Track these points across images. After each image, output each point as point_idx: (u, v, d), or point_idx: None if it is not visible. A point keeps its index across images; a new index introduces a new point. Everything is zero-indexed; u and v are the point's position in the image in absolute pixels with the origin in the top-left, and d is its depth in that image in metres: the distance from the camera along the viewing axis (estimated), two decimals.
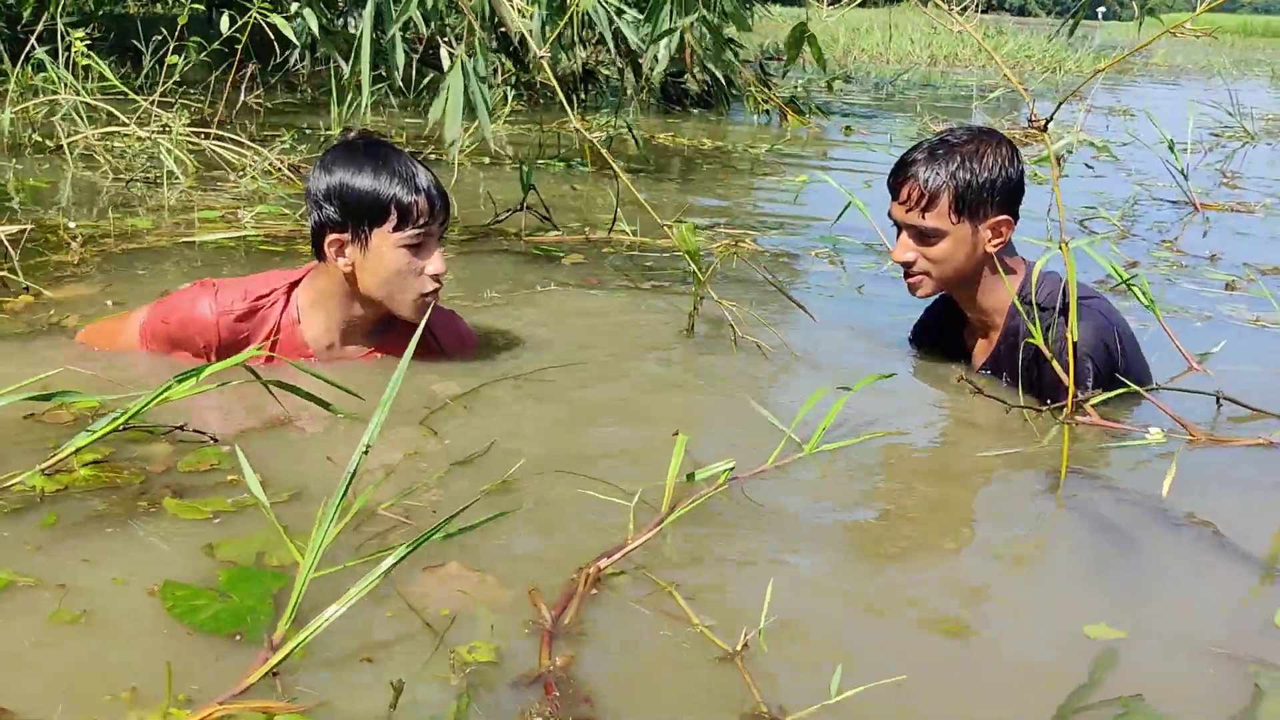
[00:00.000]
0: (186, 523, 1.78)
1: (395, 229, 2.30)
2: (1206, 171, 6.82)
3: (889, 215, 2.63)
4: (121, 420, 1.92)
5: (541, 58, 3.03)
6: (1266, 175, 7.14)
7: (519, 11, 3.05)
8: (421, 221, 2.31)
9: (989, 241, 2.55)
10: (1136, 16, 2.43)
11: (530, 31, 3.17)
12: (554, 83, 3.24)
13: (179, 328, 2.40)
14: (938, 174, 2.50)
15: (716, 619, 1.60)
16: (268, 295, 2.41)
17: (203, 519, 1.80)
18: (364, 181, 2.28)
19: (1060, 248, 2.29)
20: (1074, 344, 2.34)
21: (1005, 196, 2.53)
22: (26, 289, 2.91)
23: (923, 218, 2.54)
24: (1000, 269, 2.59)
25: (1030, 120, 2.31)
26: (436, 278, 2.37)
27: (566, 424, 2.36)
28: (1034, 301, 2.51)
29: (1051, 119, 2.32)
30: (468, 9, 3.07)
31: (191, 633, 1.49)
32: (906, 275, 2.64)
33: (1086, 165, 6.92)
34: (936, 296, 2.82)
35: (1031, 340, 2.41)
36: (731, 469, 2.02)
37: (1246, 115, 9.68)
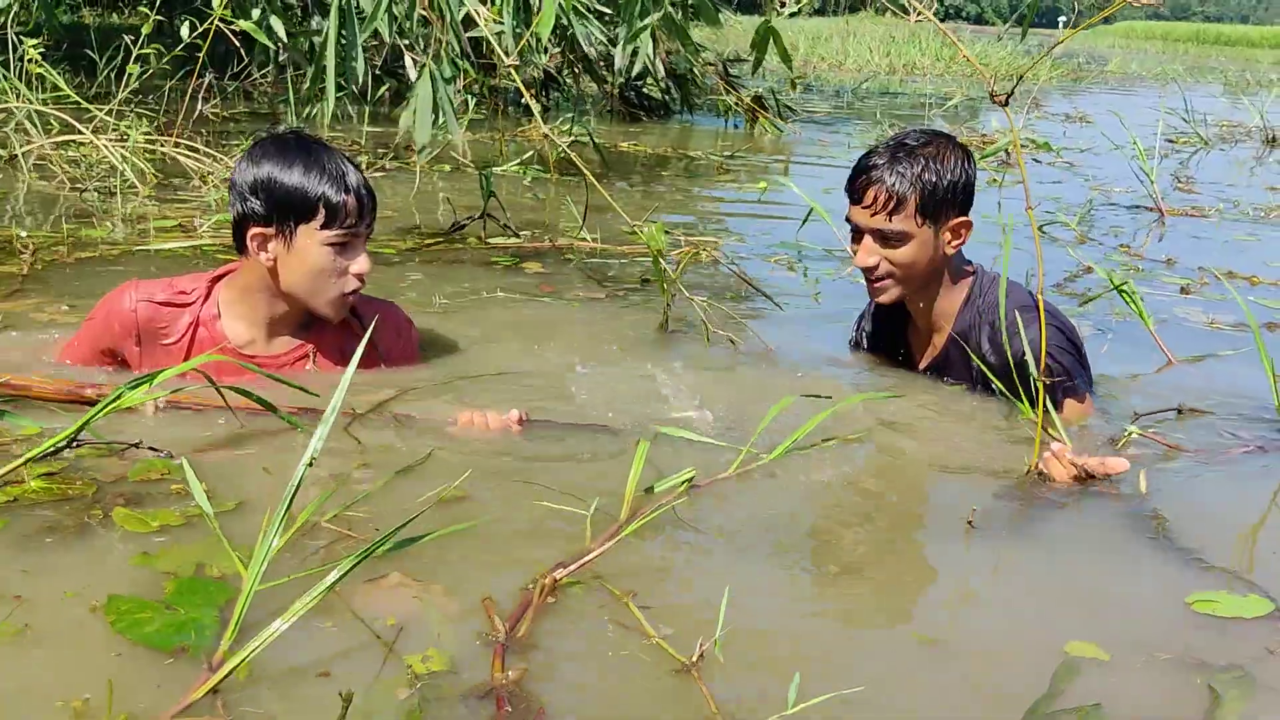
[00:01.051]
0: (134, 535, 1.75)
1: (323, 227, 2.25)
2: (1162, 177, 6.91)
3: (848, 220, 2.60)
4: (74, 430, 1.89)
5: (510, 65, 3.00)
6: (1220, 180, 7.24)
7: (484, 18, 3.04)
8: (349, 221, 2.27)
9: (949, 243, 2.55)
10: (1074, 21, 2.44)
11: (499, 37, 3.15)
12: (526, 93, 3.22)
13: (101, 322, 2.37)
14: (903, 177, 2.48)
15: (673, 629, 1.59)
16: (190, 291, 2.38)
17: (150, 531, 1.77)
18: (293, 177, 2.23)
19: (1027, 210, 2.28)
20: (1029, 344, 2.35)
21: (965, 197, 2.53)
22: None
23: (889, 220, 2.51)
24: (955, 270, 2.61)
25: (991, 96, 2.29)
26: (360, 277, 2.33)
27: (508, 431, 2.33)
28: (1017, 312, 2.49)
29: (1012, 94, 2.31)
30: (434, 17, 3.06)
31: (136, 647, 1.46)
32: (870, 280, 2.61)
33: (1035, 160, 6.98)
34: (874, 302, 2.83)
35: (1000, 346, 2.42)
36: (692, 479, 2.01)
37: (1200, 121, 9.82)
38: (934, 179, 2.48)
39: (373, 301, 2.52)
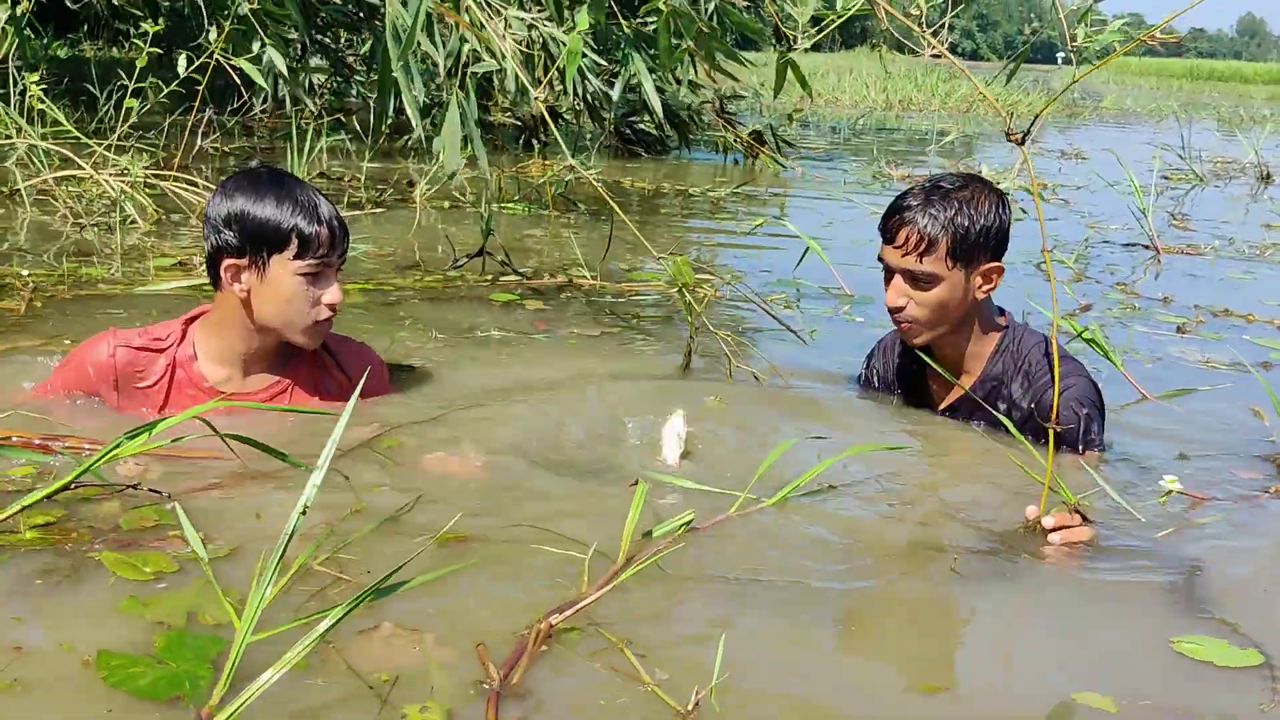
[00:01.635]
0: (128, 583, 1.73)
1: (295, 257, 2.29)
2: (1157, 214, 6.94)
3: (879, 259, 2.61)
4: (70, 479, 1.89)
5: (538, 99, 3.03)
6: (1215, 217, 7.27)
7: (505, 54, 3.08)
8: (321, 252, 2.31)
9: (979, 288, 2.55)
10: (1072, 57, 2.46)
11: (513, 74, 3.19)
12: (552, 124, 3.25)
13: (76, 370, 2.40)
14: (936, 219, 2.49)
15: (669, 675, 1.58)
16: (164, 336, 2.42)
17: (145, 579, 1.75)
18: (266, 209, 2.27)
19: (1043, 253, 2.29)
20: (1064, 394, 2.39)
21: (998, 243, 2.54)
22: None
23: (919, 262, 2.51)
24: (986, 316, 2.62)
25: (1008, 134, 2.30)
26: (332, 306, 2.37)
27: (500, 470, 2.33)
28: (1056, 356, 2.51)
29: (1029, 133, 2.32)
30: (471, 32, 3.09)
31: (129, 699, 1.45)
32: (897, 320, 2.63)
33: (1022, 210, 7.04)
34: (898, 342, 2.84)
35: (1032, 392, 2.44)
36: (690, 521, 2.01)
37: (1195, 158, 9.87)
38: (966, 223, 2.49)
39: (347, 340, 2.59)
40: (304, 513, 1.49)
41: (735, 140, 8.57)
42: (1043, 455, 2.20)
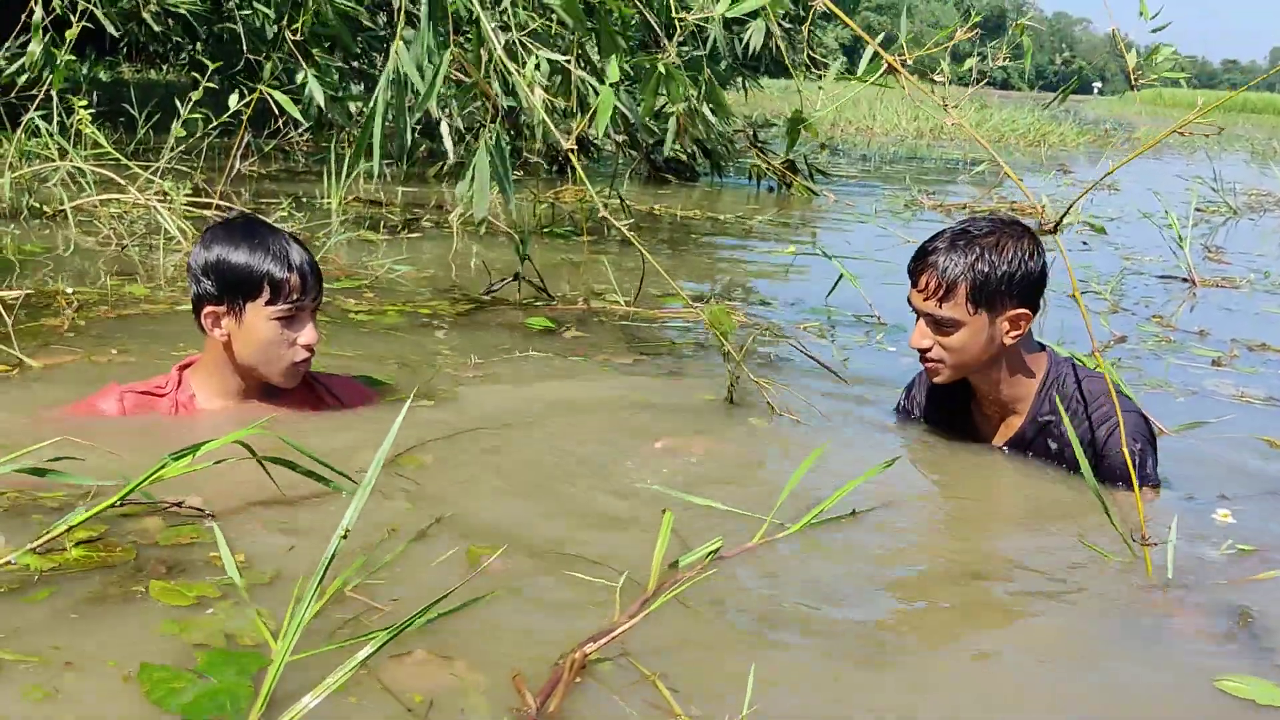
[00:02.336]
0: (170, 607, 1.75)
1: (268, 303, 2.41)
2: (1192, 246, 6.90)
3: (908, 301, 2.62)
4: (114, 500, 1.92)
5: (569, 150, 3.05)
6: (1250, 250, 7.23)
7: (537, 97, 3.10)
8: (294, 297, 2.42)
9: (1006, 334, 2.54)
10: (1131, 85, 2.47)
11: (547, 111, 3.22)
12: (575, 162, 3.27)
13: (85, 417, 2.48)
14: (956, 264, 2.49)
15: (700, 709, 1.57)
16: (164, 383, 2.54)
17: (188, 605, 1.77)
18: (239, 257, 2.39)
19: (1094, 355, 2.30)
20: (1121, 433, 2.38)
21: (1024, 290, 2.51)
22: (20, 361, 2.91)
23: (939, 307, 2.52)
24: (1019, 358, 2.60)
25: (1041, 225, 2.32)
26: (308, 347, 2.48)
27: (529, 493, 2.34)
28: (1083, 395, 2.53)
29: (1061, 220, 2.34)
30: (489, 90, 3.12)
31: (169, 716, 1.46)
32: (923, 361, 2.64)
33: (1083, 243, 7.00)
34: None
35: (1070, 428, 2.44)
36: (718, 550, 2.01)
37: (1229, 190, 9.82)
38: (986, 269, 2.48)
39: (336, 377, 2.75)
40: (344, 537, 1.52)
41: (768, 169, 8.59)
42: (1104, 493, 2.19)
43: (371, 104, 3.08)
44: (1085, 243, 7.02)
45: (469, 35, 3.09)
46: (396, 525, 2.09)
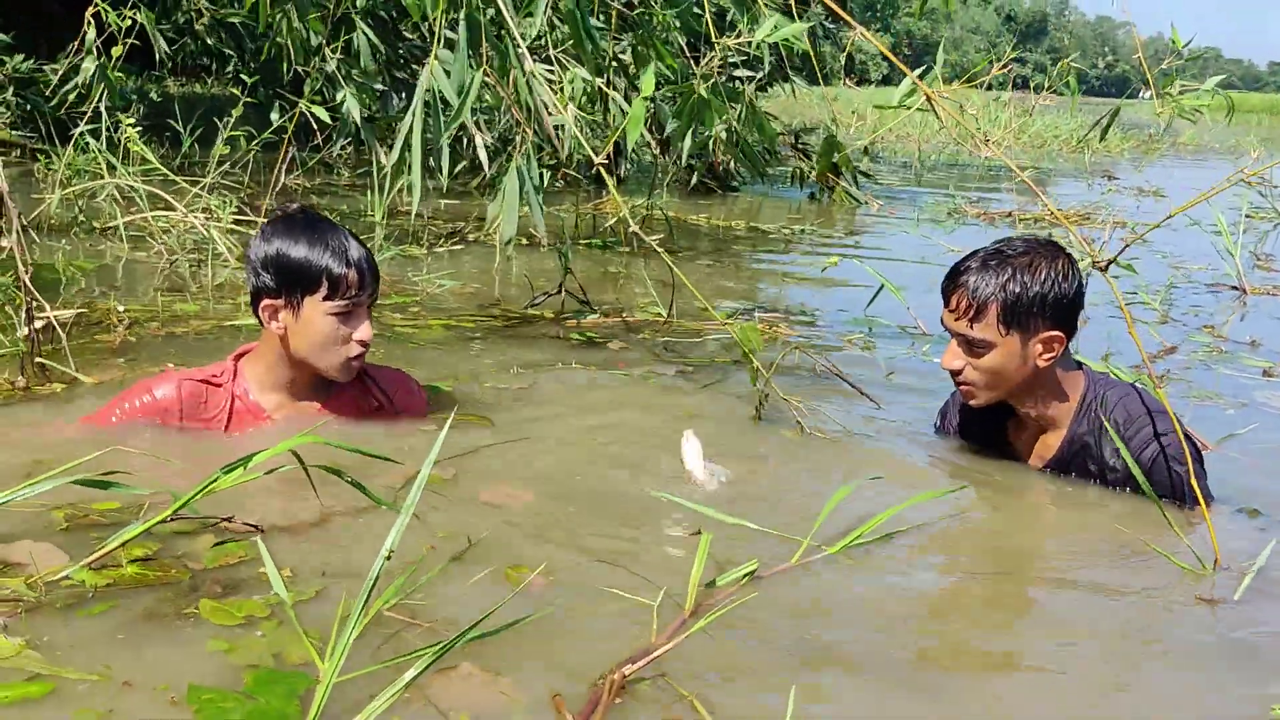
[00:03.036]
0: (218, 626, 1.77)
1: (326, 298, 2.44)
2: (1240, 254, 6.80)
3: (941, 322, 2.60)
4: (167, 514, 1.94)
5: (600, 164, 3.06)
6: None
7: (570, 114, 3.11)
8: (351, 293, 2.45)
9: (1040, 356, 2.51)
10: (1153, 97, 2.46)
11: (579, 126, 3.23)
12: (608, 178, 3.27)
13: (140, 403, 2.53)
14: (987, 284, 2.46)
15: None
16: (220, 373, 2.58)
17: (236, 624, 1.78)
18: (299, 252, 2.42)
19: (1125, 316, 2.26)
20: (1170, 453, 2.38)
21: (1057, 312, 2.47)
22: (73, 379, 2.95)
23: (970, 328, 2.50)
24: (1055, 380, 2.57)
25: (1094, 263, 2.30)
26: (363, 343, 2.51)
27: (568, 508, 2.35)
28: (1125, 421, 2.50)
29: (1114, 261, 2.31)
30: (520, 114, 3.14)
31: None
32: (957, 383, 2.62)
33: (1121, 266, 6.92)
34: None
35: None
36: (754, 571, 2.00)
37: (1277, 195, 9.66)
38: (1018, 289, 2.45)
39: (384, 369, 2.77)
40: (388, 558, 1.53)
41: (811, 172, 8.56)
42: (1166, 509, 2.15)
43: (408, 123, 3.10)
44: (1124, 265, 6.93)
45: (502, 52, 3.09)
46: (436, 541, 2.10)
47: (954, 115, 2.63)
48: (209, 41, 6.90)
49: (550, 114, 3.14)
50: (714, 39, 3.60)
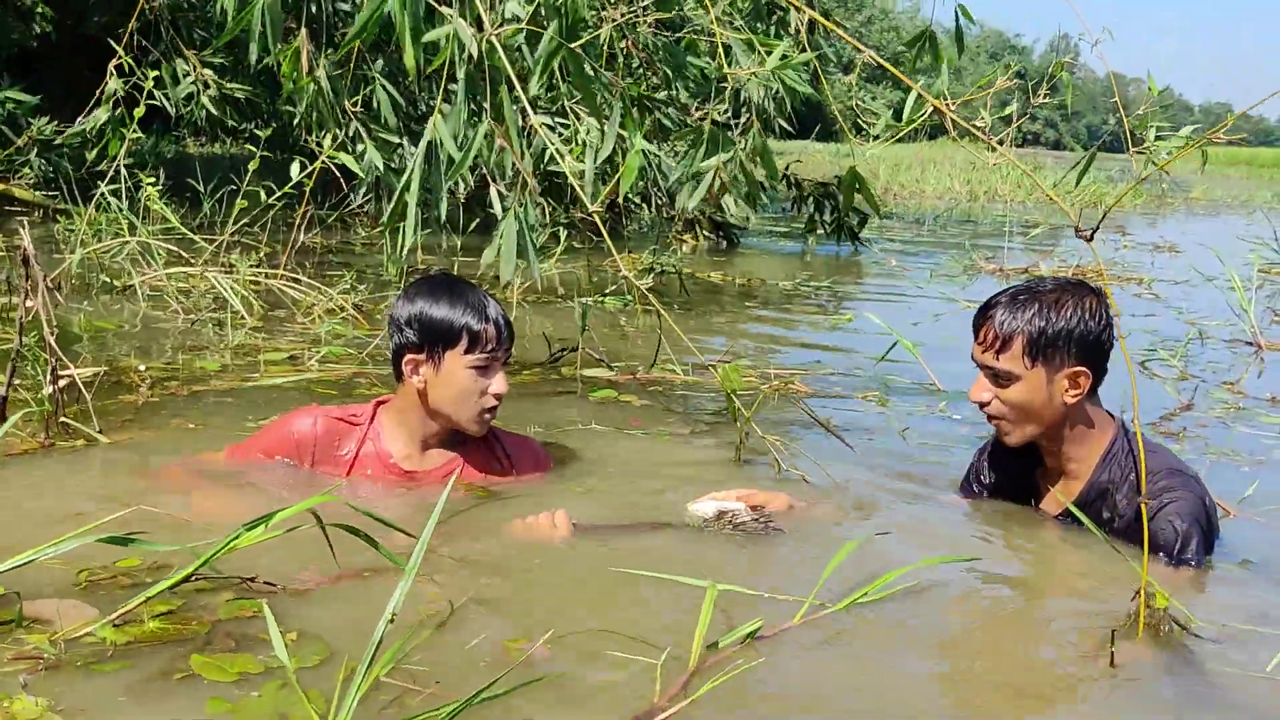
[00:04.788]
0: (218, 685, 1.75)
1: (466, 352, 2.58)
2: (1258, 309, 6.79)
3: (971, 357, 2.65)
4: (190, 572, 1.95)
5: (595, 212, 3.12)
6: None
7: (568, 163, 3.16)
8: (489, 347, 2.61)
9: (1066, 392, 2.53)
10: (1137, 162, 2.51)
11: (582, 186, 3.27)
12: (605, 233, 3.33)
13: (279, 436, 2.71)
14: (1014, 318, 2.52)
15: None
16: (359, 414, 2.74)
17: (230, 681, 1.76)
18: (440, 309, 2.59)
19: (1119, 338, 2.25)
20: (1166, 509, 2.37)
21: (1083, 348, 2.51)
22: (100, 432, 2.97)
23: (997, 359, 2.55)
24: (1084, 421, 2.58)
25: (1077, 231, 2.32)
26: (498, 396, 2.64)
27: (573, 567, 2.35)
28: (1142, 471, 2.47)
29: (1097, 229, 2.33)
30: (520, 164, 3.18)
31: None
32: (988, 418, 2.65)
33: (1120, 287, 6.92)
34: (994, 446, 2.81)
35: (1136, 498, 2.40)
36: (757, 630, 1.99)
37: None
38: (1043, 323, 2.50)
39: (515, 435, 2.91)
40: (391, 621, 1.54)
41: (824, 220, 8.63)
42: (1138, 564, 2.15)
43: (406, 175, 3.16)
44: (1136, 293, 6.94)
45: (499, 105, 3.16)
46: (441, 603, 2.08)
47: (965, 125, 2.66)
48: (213, 112, 7.06)
49: (560, 162, 3.18)
50: (726, 70, 3.67)
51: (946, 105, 2.82)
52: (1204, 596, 2.37)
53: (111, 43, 6.01)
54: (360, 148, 5.68)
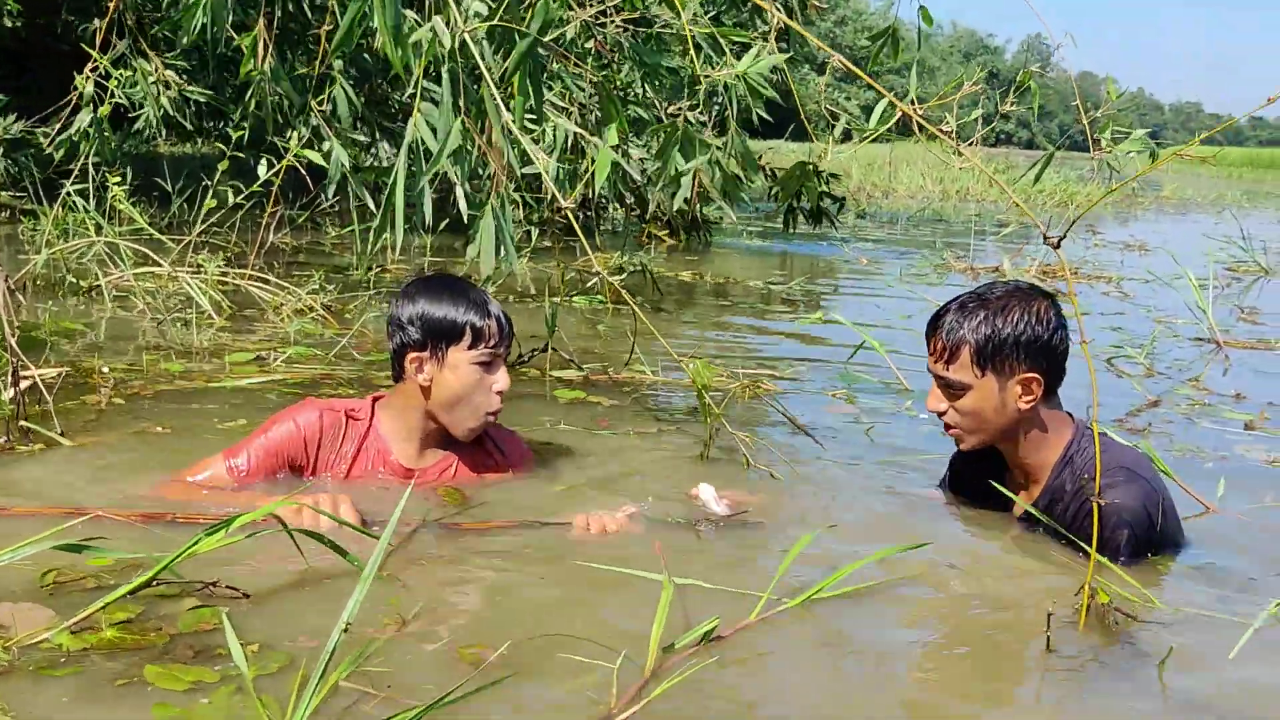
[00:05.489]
0: (169, 693, 1.72)
1: (469, 347, 2.61)
2: (1224, 307, 6.86)
3: (927, 367, 2.64)
4: (149, 577, 1.93)
5: (567, 208, 3.12)
6: None
7: (541, 161, 3.15)
8: (492, 343, 2.64)
9: (1020, 398, 2.52)
10: (1098, 165, 2.54)
11: (556, 183, 3.27)
12: (580, 233, 3.32)
13: (283, 431, 2.65)
14: (961, 327, 2.51)
15: None
16: (359, 409, 2.73)
17: (184, 690, 1.73)
18: (443, 307, 2.62)
19: (1083, 344, 2.25)
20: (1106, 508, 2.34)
21: (1032, 354, 2.49)
22: (62, 434, 2.94)
23: (947, 370, 2.54)
24: (1039, 425, 2.57)
25: (1044, 238, 2.32)
26: (500, 393, 2.67)
27: (533, 569, 2.34)
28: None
29: (1064, 236, 2.33)
30: (497, 161, 3.17)
31: None
32: (945, 428, 2.65)
33: (1089, 285, 6.96)
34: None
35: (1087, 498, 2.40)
36: (713, 630, 1.99)
37: (1260, 248, 9.76)
38: (989, 331, 2.49)
39: (497, 426, 2.88)
40: (346, 630, 1.53)
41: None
42: (1082, 561, 2.15)
43: (393, 176, 3.15)
44: (1106, 290, 6.98)
45: (478, 102, 3.14)
46: (399, 608, 2.06)
47: (934, 129, 2.66)
48: (171, 113, 7.00)
49: (533, 161, 3.17)
50: (698, 73, 3.67)
51: (914, 109, 2.82)
52: (1161, 590, 2.38)
53: (85, 47, 5.96)
54: (326, 146, 5.65)
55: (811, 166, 4.85)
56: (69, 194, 5.59)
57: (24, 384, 2.99)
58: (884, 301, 6.69)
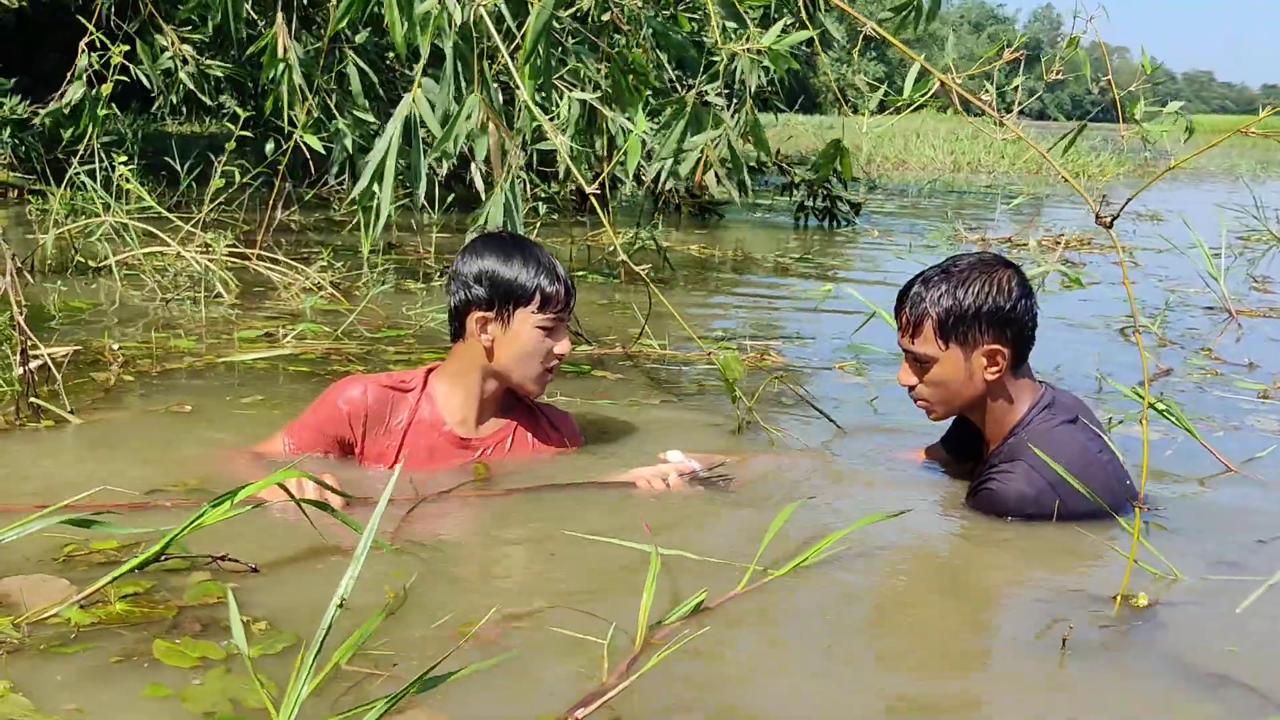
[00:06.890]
0: (176, 669, 1.73)
1: (537, 310, 2.58)
2: (1237, 276, 6.80)
3: (896, 341, 2.67)
4: (159, 549, 1.94)
5: (592, 194, 3.10)
6: None
7: (561, 142, 3.13)
8: (559, 307, 2.61)
9: (985, 369, 2.52)
10: (1127, 134, 2.50)
11: (577, 167, 3.25)
12: (603, 215, 3.30)
13: (330, 407, 2.64)
14: (923, 300, 2.52)
15: None
16: (409, 379, 2.70)
17: (191, 667, 1.74)
18: (513, 267, 2.58)
19: (1135, 336, 2.24)
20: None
21: (995, 324, 2.49)
22: (72, 412, 2.95)
23: (912, 343, 2.56)
24: (1004, 397, 2.57)
25: (1097, 218, 2.30)
26: (560, 357, 2.66)
27: (525, 543, 2.35)
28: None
29: (1119, 215, 2.30)
30: (507, 137, 3.16)
31: None
32: (914, 400, 2.66)
33: (1101, 254, 6.91)
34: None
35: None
36: (703, 601, 1.98)
37: (1273, 217, 9.67)
38: (950, 303, 2.49)
39: (554, 407, 2.95)
40: (340, 606, 1.52)
41: (809, 197, 8.63)
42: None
43: (381, 154, 3.11)
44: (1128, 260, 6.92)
45: (486, 80, 3.12)
46: (402, 584, 2.06)
47: (967, 95, 2.63)
48: (190, 88, 6.96)
49: (547, 137, 3.16)
50: (719, 45, 3.63)
51: (953, 79, 2.78)
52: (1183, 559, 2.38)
53: (81, 19, 5.95)
54: (334, 124, 5.65)
55: (840, 142, 4.81)
56: (76, 174, 5.58)
57: (34, 363, 2.99)
58: (894, 274, 6.66)
